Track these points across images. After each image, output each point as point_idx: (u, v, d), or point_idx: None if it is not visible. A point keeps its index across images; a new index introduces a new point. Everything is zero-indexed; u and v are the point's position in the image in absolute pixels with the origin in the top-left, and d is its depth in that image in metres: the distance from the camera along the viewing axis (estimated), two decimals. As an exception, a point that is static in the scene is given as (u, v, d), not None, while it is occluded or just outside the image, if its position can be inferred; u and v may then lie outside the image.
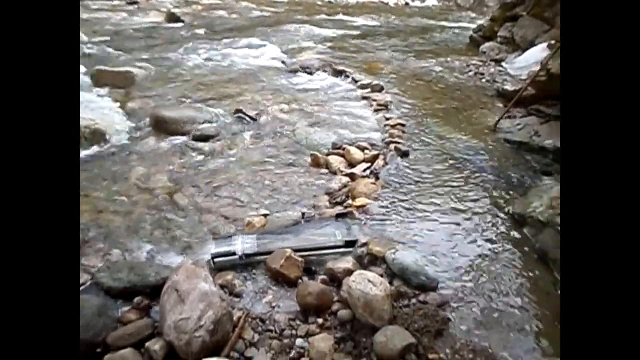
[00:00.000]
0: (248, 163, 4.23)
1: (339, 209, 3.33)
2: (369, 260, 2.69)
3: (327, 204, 3.49)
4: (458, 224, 3.16)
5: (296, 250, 2.78)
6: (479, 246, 2.91)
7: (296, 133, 4.75)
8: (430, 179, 3.79)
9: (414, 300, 2.37)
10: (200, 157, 4.30)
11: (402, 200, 3.40)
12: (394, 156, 4.07)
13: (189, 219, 3.36)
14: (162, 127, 4.71)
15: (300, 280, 2.65)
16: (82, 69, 6.24)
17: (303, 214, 3.29)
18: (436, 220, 3.18)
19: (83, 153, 4.21)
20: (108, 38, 8.59)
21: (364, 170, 3.90)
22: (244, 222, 3.22)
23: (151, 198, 3.61)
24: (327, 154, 4.31)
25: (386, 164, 3.93)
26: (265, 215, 3.32)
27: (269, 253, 2.79)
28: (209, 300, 2.11)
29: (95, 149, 4.31)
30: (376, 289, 2.22)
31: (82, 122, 4.47)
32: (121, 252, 2.93)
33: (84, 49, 7.57)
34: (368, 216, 3.15)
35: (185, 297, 2.12)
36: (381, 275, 2.55)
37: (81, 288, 2.57)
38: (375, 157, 4.07)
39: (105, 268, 2.69)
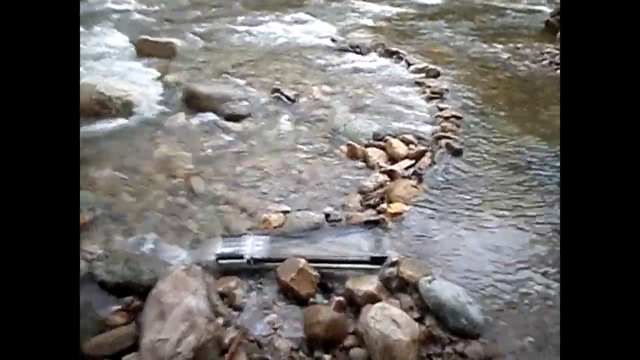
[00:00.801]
0: (278, 149, 3.80)
1: (370, 214, 2.83)
2: (398, 286, 2.18)
3: (359, 205, 2.98)
4: (517, 249, 2.53)
5: (312, 261, 2.33)
6: (539, 283, 2.28)
7: (335, 118, 4.22)
8: (485, 187, 3.13)
9: (448, 349, 1.85)
10: (228, 139, 3.93)
11: (448, 212, 2.80)
12: (444, 154, 3.45)
13: (203, 207, 3.01)
14: (194, 102, 4.39)
15: (312, 299, 2.21)
16: (127, 37, 6.09)
17: (327, 215, 2.82)
18: (489, 241, 2.57)
19: (110, 125, 4.00)
20: (157, 8, 8.44)
21: (406, 168, 3.32)
22: (260, 218, 2.82)
23: (169, 180, 3.30)
24: (367, 145, 3.77)
25: (433, 163, 3.32)
26: (285, 212, 2.89)
27: (281, 260, 2.37)
28: (193, 320, 1.73)
29: (123, 121, 4.07)
30: (400, 332, 1.73)
31: (115, 93, 4.26)
32: (124, 239, 2.65)
33: (133, 15, 7.47)
34: (403, 227, 2.61)
35: (167, 313, 1.76)
36: (410, 308, 2.04)
37: (74, 277, 2.31)
38: (422, 153, 3.47)
39: (103, 257, 2.41)
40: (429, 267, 2.23)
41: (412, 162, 3.41)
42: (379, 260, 2.31)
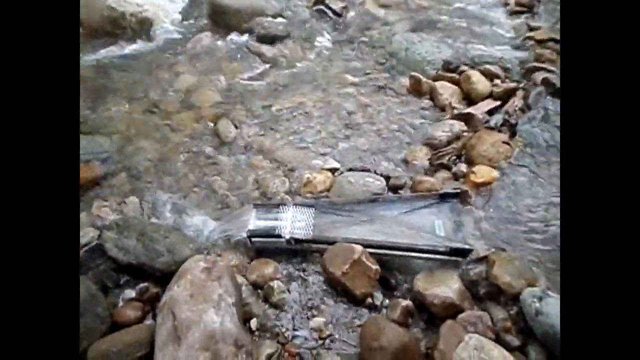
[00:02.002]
0: (322, 81, 3.04)
1: (443, 178, 2.15)
2: (488, 293, 1.59)
3: (426, 163, 2.29)
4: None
5: (369, 246, 1.77)
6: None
7: (393, 40, 3.31)
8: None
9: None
10: (262, 67, 3.19)
11: (557, 183, 2.06)
12: (541, 94, 2.56)
13: (233, 159, 2.43)
14: (221, 20, 3.57)
15: (369, 300, 1.69)
16: None
17: (387, 178, 2.17)
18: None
19: (125, 49, 3.34)
20: None
21: (489, 111, 2.52)
22: (302, 179, 2.22)
23: (193, 122, 2.70)
24: (435, 78, 2.92)
25: (528, 107, 2.47)
26: (333, 171, 2.27)
27: (329, 243, 1.83)
28: (215, 350, 1.26)
29: (139, 45, 3.37)
30: (506, 390, 1.19)
31: (129, 8, 3.50)
32: (139, 201, 2.17)
33: None
34: (494, 203, 1.94)
35: (182, 333, 1.29)
36: (506, 330, 1.48)
37: (84, 250, 1.89)
38: (510, 92, 2.61)
39: (114, 225, 1.96)
40: (535, 271, 1.60)
41: (497, 104, 2.57)
42: (461, 253, 1.71)
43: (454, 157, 2.23)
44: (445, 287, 1.61)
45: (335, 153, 2.44)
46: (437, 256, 1.74)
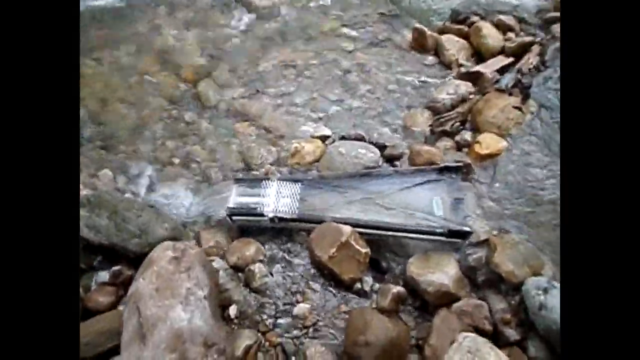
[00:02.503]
0: (315, 33, 2.73)
1: (445, 147, 1.93)
2: (488, 281, 1.43)
3: (427, 129, 2.07)
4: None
5: (360, 226, 1.61)
6: None
7: (396, -14, 2.95)
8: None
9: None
10: (250, 18, 2.87)
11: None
12: (559, 49, 2.27)
13: (215, 125, 2.22)
14: (204, -38, 3.18)
15: (358, 285, 1.55)
16: None
17: (383, 147, 1.96)
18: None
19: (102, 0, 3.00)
20: None
21: (500, 70, 2.24)
22: (290, 148, 2.01)
23: (174, 83, 2.46)
24: (441, 31, 2.61)
25: (544, 64, 2.18)
26: (323, 140, 2.05)
27: (316, 222, 1.66)
28: (182, 350, 1.14)
29: (114, -7, 3.05)
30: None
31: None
32: (113, 174, 1.99)
33: None
34: (499, 178, 1.73)
35: (148, 331, 1.17)
36: (505, 323, 1.34)
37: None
38: (525, 47, 2.30)
39: (85, 201, 1.80)
40: (542, 257, 1.44)
41: (509, 61, 2.29)
42: (460, 235, 1.54)
43: (458, 123, 2.00)
44: (441, 273, 1.46)
45: (328, 118, 2.22)
46: (434, 237, 1.58)
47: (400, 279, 1.55)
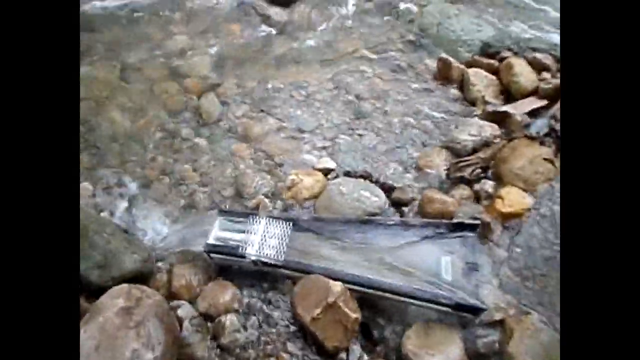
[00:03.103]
0: (333, 56, 2.54)
1: (461, 197, 1.68)
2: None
3: (443, 173, 1.82)
4: None
5: (352, 282, 1.38)
6: None
7: (424, 12, 2.75)
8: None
9: None
10: (266, 31, 2.71)
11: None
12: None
13: (211, 144, 2.03)
14: (228, -29, 3.06)
15: (343, 355, 1.30)
16: None
17: (390, 189, 1.73)
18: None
19: (114, 1, 2.90)
20: None
21: (531, 113, 1.99)
22: (286, 181, 1.80)
23: (177, 93, 2.30)
24: (469, 63, 2.37)
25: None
26: (326, 173, 1.84)
27: (303, 271, 1.44)
28: None
29: (130, -5, 2.95)
30: None
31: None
32: (92, 188, 1.82)
33: None
34: (522, 243, 1.47)
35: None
36: None
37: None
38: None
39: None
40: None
41: (543, 103, 2.03)
42: (469, 310, 1.29)
43: (479, 170, 1.75)
44: (442, 356, 1.21)
45: (334, 148, 2.00)
46: (437, 307, 1.33)
47: (394, 354, 1.30)
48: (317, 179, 1.77)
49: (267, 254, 1.46)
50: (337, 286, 1.32)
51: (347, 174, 1.80)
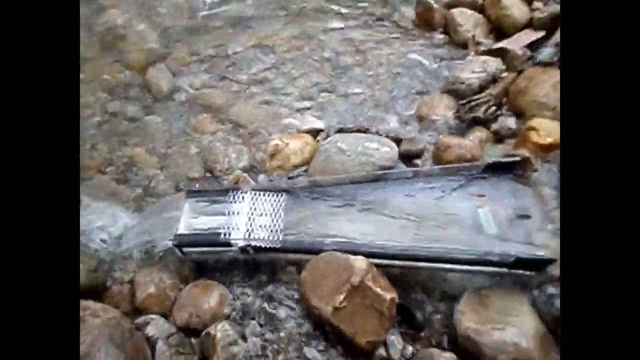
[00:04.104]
0: (297, 11, 2.20)
1: (480, 139, 1.40)
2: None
3: (451, 117, 1.54)
4: None
5: (377, 256, 1.05)
6: None
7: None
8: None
9: None
10: (218, -5, 2.32)
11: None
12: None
13: (167, 123, 1.64)
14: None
15: (382, 351, 0.97)
16: None
17: (397, 142, 1.42)
18: None
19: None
20: None
21: (531, 46, 1.75)
22: (268, 147, 1.45)
23: (116, 71, 1.86)
24: (449, 5, 2.11)
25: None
26: (315, 134, 1.50)
27: (310, 251, 1.10)
28: None
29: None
30: None
31: None
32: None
33: None
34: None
35: None
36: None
37: None
38: (557, 18, 1.83)
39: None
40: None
41: (541, 34, 1.80)
42: (532, 265, 1.00)
43: (493, 108, 1.48)
44: (513, 328, 0.91)
45: (318, 108, 1.67)
46: (490, 269, 1.03)
47: (446, 337, 0.99)
48: (306, 142, 1.42)
49: (258, 237, 1.10)
50: (361, 261, 0.99)
51: (340, 130, 1.46)
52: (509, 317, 0.93)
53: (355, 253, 1.02)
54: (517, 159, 1.15)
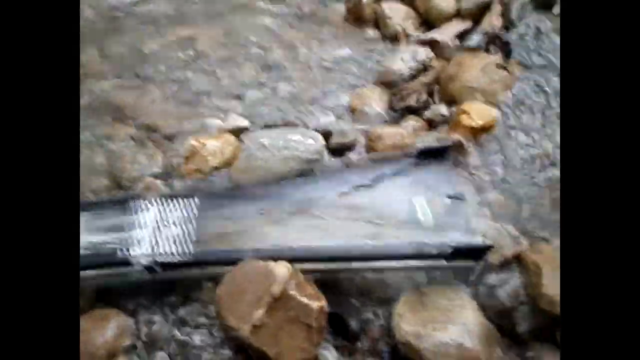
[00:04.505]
0: (223, 9, 2.06)
1: (414, 127, 1.33)
2: (537, 329, 0.81)
3: (383, 108, 1.47)
4: None
5: (303, 259, 0.92)
6: None
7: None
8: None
9: None
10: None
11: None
12: (525, 7, 1.82)
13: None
14: None
15: (312, 370, 0.85)
16: None
17: (327, 136, 1.31)
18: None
19: None
20: None
21: (460, 36, 1.73)
22: (184, 149, 1.28)
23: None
24: (378, -2, 2.08)
25: (511, 24, 1.72)
26: (237, 134, 1.35)
27: (227, 262, 0.94)
28: None
29: None
30: None
31: None
32: None
33: None
34: (501, 160, 1.14)
35: None
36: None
37: None
38: (483, 8, 1.84)
39: None
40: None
41: (469, 25, 1.79)
42: (469, 254, 0.91)
43: (424, 96, 1.42)
44: (455, 327, 0.81)
45: (244, 106, 1.53)
46: (427, 263, 0.93)
47: (385, 344, 0.87)
48: (227, 142, 1.27)
49: (166, 251, 0.93)
50: (283, 267, 0.85)
51: (266, 126, 1.33)
52: (450, 314, 0.83)
53: (277, 258, 0.88)
54: (449, 143, 1.08)
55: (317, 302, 0.84)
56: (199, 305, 0.93)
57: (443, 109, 1.34)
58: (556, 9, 1.78)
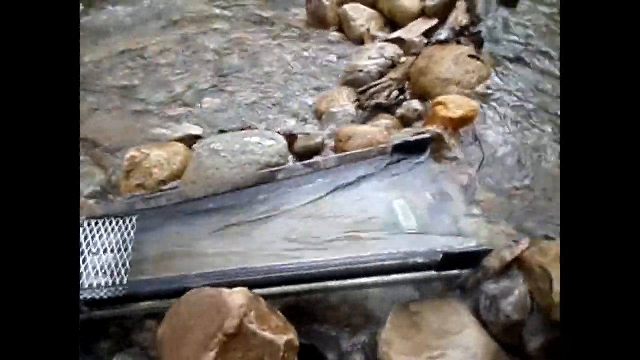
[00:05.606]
0: (177, 17, 1.91)
1: (386, 125, 1.20)
2: (551, 342, 0.66)
3: (352, 108, 1.33)
4: None
5: (265, 284, 0.75)
6: None
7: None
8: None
9: None
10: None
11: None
12: (490, 2, 1.76)
13: None
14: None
15: None
16: None
17: (291, 138, 1.15)
18: None
19: None
20: None
21: (426, 34, 1.65)
22: (124, 161, 1.09)
23: None
24: (341, 2, 1.98)
25: (478, 19, 1.65)
26: (189, 143, 1.18)
27: (172, 294, 0.76)
28: None
29: None
30: None
31: None
32: None
33: None
34: (485, 153, 1.02)
35: None
36: None
37: None
38: (449, 5, 1.77)
39: None
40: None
41: (434, 22, 1.71)
42: (464, 261, 0.77)
43: (395, 92, 1.30)
44: (455, 351, 0.65)
45: (198, 114, 1.35)
46: (415, 275, 0.78)
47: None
48: (175, 151, 1.09)
49: (94, 285, 0.74)
50: (239, 295, 0.67)
51: (222, 132, 1.16)
52: (448, 337, 0.67)
53: (232, 284, 0.70)
54: (426, 135, 0.95)
55: (285, 336, 0.66)
56: (137, 351, 0.73)
57: (417, 104, 1.22)
58: (521, 6, 1.75)
